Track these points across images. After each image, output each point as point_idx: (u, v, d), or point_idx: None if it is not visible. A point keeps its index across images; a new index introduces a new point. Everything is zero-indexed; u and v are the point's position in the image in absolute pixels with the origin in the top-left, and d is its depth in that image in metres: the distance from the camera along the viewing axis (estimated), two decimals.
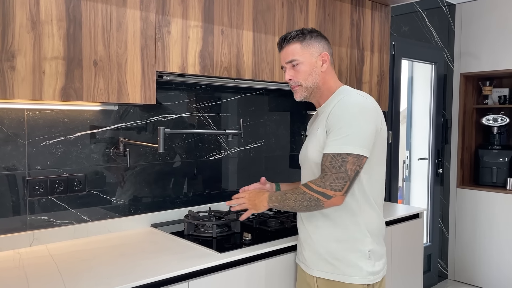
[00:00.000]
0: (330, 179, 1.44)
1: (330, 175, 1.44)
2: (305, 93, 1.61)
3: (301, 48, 1.58)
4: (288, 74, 1.61)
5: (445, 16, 3.92)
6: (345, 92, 1.59)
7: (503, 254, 3.74)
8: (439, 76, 3.88)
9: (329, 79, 1.62)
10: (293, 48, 1.59)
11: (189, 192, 2.27)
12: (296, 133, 2.76)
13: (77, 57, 1.51)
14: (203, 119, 2.29)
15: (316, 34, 1.61)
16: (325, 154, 1.46)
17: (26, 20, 1.40)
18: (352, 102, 1.50)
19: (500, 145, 3.93)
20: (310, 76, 1.59)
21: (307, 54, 1.58)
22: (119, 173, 2.01)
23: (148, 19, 1.68)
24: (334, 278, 1.55)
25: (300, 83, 1.60)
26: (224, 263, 1.62)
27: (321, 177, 1.46)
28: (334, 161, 1.43)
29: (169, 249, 1.73)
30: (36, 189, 1.77)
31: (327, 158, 1.45)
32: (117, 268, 1.51)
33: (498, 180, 3.88)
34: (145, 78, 1.68)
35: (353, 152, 1.42)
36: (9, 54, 1.38)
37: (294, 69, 1.60)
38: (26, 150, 1.75)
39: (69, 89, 1.50)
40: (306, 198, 1.48)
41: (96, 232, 1.93)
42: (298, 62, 1.58)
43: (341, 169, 1.43)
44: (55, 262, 1.57)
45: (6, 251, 1.70)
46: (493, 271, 3.80)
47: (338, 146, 1.44)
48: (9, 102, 1.61)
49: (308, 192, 1.47)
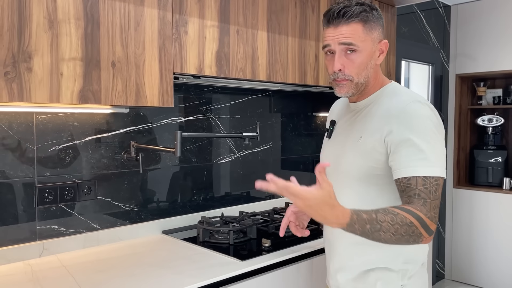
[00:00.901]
0: (432, 208, 1.11)
1: (430, 203, 1.11)
2: (353, 90, 1.26)
3: (364, 31, 1.21)
4: (339, 62, 1.22)
5: (441, 17, 3.94)
6: (403, 93, 1.26)
7: (499, 253, 3.77)
8: (436, 77, 3.90)
9: (379, 73, 1.31)
10: (354, 29, 1.20)
11: (199, 197, 2.20)
12: (303, 135, 2.71)
13: (95, 58, 1.44)
14: (212, 122, 2.22)
15: (377, 14, 1.24)
16: (412, 177, 1.13)
17: (43, 19, 1.32)
18: (429, 114, 1.19)
19: (495, 145, 3.97)
20: (365, 70, 1.24)
21: (368, 41, 1.22)
22: (129, 178, 1.93)
23: (166, 18, 1.61)
24: None
25: (352, 77, 1.23)
26: (248, 271, 1.56)
27: (422, 204, 1.11)
28: (428, 184, 1.12)
29: (187, 257, 1.66)
30: (46, 196, 1.68)
31: (418, 181, 1.12)
32: (137, 279, 1.43)
33: (493, 180, 3.92)
34: (163, 80, 1.61)
35: (442, 175, 1.15)
36: (26, 54, 1.29)
37: (348, 57, 1.22)
38: (35, 156, 1.66)
39: (87, 92, 1.42)
40: (409, 231, 1.07)
41: (107, 241, 1.85)
42: (357, 49, 1.21)
43: (436, 195, 1.12)
44: (71, 274, 1.49)
45: (16, 262, 1.61)
46: (490, 270, 3.83)
47: (429, 167, 1.13)
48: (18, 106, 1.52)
49: (415, 223, 1.08)
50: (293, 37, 2.06)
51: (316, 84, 2.20)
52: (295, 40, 2.07)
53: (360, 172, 1.24)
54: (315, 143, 2.78)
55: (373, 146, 1.21)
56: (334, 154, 1.36)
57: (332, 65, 1.26)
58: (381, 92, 1.29)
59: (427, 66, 3.87)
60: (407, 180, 1.14)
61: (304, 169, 2.74)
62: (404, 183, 1.14)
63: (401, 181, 1.15)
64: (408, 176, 1.14)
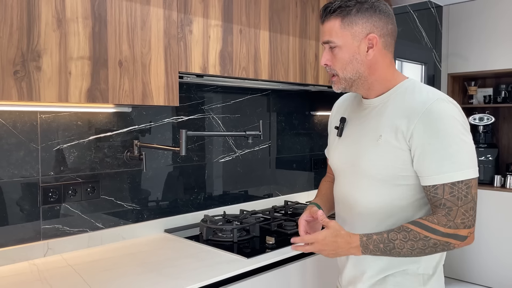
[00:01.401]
0: (459, 215, 1.12)
1: (458, 210, 1.11)
2: (344, 85, 1.26)
3: (341, 26, 1.20)
4: (324, 57, 1.25)
5: (433, 17, 4.00)
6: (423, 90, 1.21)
7: (491, 250, 3.84)
8: (428, 76, 3.96)
9: (382, 68, 1.24)
10: (331, 26, 1.21)
11: (200, 195, 2.21)
12: (301, 134, 2.74)
13: (102, 57, 1.44)
14: (213, 121, 2.23)
15: (366, 7, 1.20)
16: (439, 185, 1.13)
17: (52, 18, 1.32)
18: (454, 112, 1.16)
19: (485, 143, 4.04)
20: (349, 65, 1.22)
21: (347, 36, 1.20)
22: (132, 177, 1.93)
23: (171, 17, 1.62)
24: None
25: (337, 72, 1.25)
26: (254, 268, 1.58)
27: (444, 214, 1.12)
28: (456, 191, 1.12)
29: (193, 255, 1.67)
30: (50, 196, 1.68)
31: (445, 189, 1.12)
32: (146, 277, 1.44)
33: (484, 178, 3.98)
34: (169, 79, 1.62)
35: (474, 176, 1.13)
36: (35, 53, 1.29)
37: (332, 52, 1.24)
38: (39, 155, 1.65)
39: (94, 91, 1.42)
40: (430, 244, 1.12)
41: (110, 240, 1.84)
42: (335, 45, 1.22)
43: (467, 198, 1.12)
44: (77, 273, 1.49)
45: (21, 262, 1.60)
46: (482, 267, 3.90)
47: (457, 172, 1.11)
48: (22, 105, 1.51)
49: (433, 237, 1.12)
50: (294, 37, 2.08)
51: (316, 83, 2.22)
52: (296, 39, 2.09)
53: (383, 173, 1.20)
54: (312, 142, 2.81)
55: (395, 145, 1.18)
56: (350, 153, 1.30)
57: None
58: (398, 88, 1.25)
59: (420, 65, 3.93)
60: (434, 190, 1.14)
61: (302, 168, 2.76)
62: (432, 192, 1.14)
63: (428, 189, 1.15)
64: (435, 185, 1.13)
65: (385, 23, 1.21)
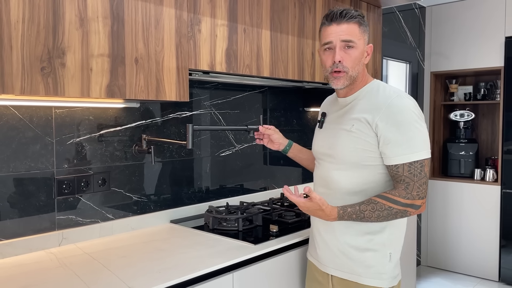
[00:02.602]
0: (415, 188, 1.39)
1: (414, 184, 1.39)
2: (348, 81, 1.47)
3: (359, 31, 1.45)
4: (339, 54, 1.44)
5: (417, 17, 4.16)
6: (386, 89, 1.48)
7: (471, 240, 4.03)
8: (412, 74, 4.12)
9: (365, 72, 1.54)
10: (352, 28, 1.43)
11: (203, 188, 2.30)
12: (296, 130, 2.85)
13: (120, 54, 1.52)
14: (214, 116, 2.33)
15: (366, 23, 1.50)
16: (399, 164, 1.39)
17: (75, 17, 1.40)
18: (410, 105, 1.42)
19: (466, 138, 4.23)
20: (357, 65, 1.46)
21: (362, 40, 1.46)
22: (140, 170, 2.01)
23: (182, 17, 1.70)
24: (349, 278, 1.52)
25: (348, 69, 1.45)
26: (261, 254, 1.68)
27: (403, 188, 1.39)
28: (413, 169, 1.38)
29: (202, 243, 1.76)
30: (64, 188, 1.75)
31: (404, 168, 1.39)
32: (161, 262, 1.53)
33: (465, 171, 4.18)
34: (179, 75, 1.71)
35: (427, 156, 1.40)
36: (60, 51, 1.36)
37: (346, 51, 1.44)
38: (54, 149, 1.72)
39: (113, 87, 1.50)
40: (393, 212, 1.40)
41: (120, 230, 1.92)
42: (354, 45, 1.44)
43: (421, 175, 1.39)
44: (96, 260, 1.57)
45: (38, 251, 1.67)
46: (462, 256, 4.09)
47: (413, 154, 1.38)
48: (37, 100, 1.58)
49: (395, 207, 1.39)
50: (293, 36, 2.19)
51: (313, 80, 2.33)
52: (294, 38, 2.20)
53: (354, 155, 1.46)
54: (306, 137, 2.92)
55: (365, 133, 1.44)
56: (327, 141, 1.57)
57: (331, 59, 1.47)
58: (366, 88, 1.52)
59: (405, 64, 4.09)
60: (396, 168, 1.41)
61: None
62: (394, 170, 1.42)
63: (391, 168, 1.43)
64: (397, 164, 1.41)
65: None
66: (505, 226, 3.81)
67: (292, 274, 1.80)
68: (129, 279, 1.37)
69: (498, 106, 4.10)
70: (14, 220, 1.63)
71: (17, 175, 1.63)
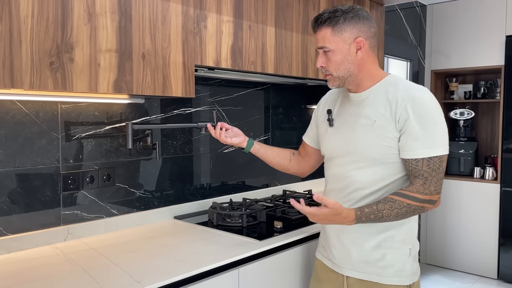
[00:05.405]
0: (433, 183, 1.37)
1: (431, 179, 1.37)
2: (337, 82, 1.48)
3: (332, 34, 1.42)
4: (320, 60, 1.47)
5: (418, 16, 4.17)
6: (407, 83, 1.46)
7: (470, 238, 4.06)
8: (413, 72, 4.13)
9: (369, 66, 1.47)
10: (324, 33, 1.43)
11: (206, 184, 2.30)
12: (298, 127, 2.86)
13: (127, 50, 1.52)
14: (218, 113, 2.33)
15: (351, 15, 1.41)
16: (419, 159, 1.37)
17: (83, 12, 1.40)
18: (432, 100, 1.41)
19: (466, 137, 4.25)
20: (341, 65, 1.44)
21: (339, 41, 1.42)
22: (144, 166, 2.01)
23: (188, 13, 1.70)
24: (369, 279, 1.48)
25: (331, 72, 1.46)
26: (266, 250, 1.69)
27: (421, 183, 1.37)
28: (432, 164, 1.37)
29: (208, 238, 1.77)
30: (69, 183, 1.75)
31: (424, 163, 1.37)
32: (168, 258, 1.53)
33: (465, 170, 4.20)
34: (186, 71, 1.71)
35: (446, 152, 1.39)
36: (68, 46, 1.36)
37: (327, 55, 1.45)
38: (59, 144, 1.72)
39: (120, 82, 1.51)
40: (411, 209, 1.38)
41: (124, 226, 1.93)
42: (329, 50, 1.43)
43: (439, 170, 1.38)
44: (103, 255, 1.57)
45: (43, 246, 1.67)
46: (461, 254, 4.12)
47: (433, 148, 1.37)
48: (43, 95, 1.58)
49: (413, 204, 1.37)
50: (297, 33, 2.20)
51: (316, 77, 2.34)
52: (299, 35, 2.21)
53: (376, 151, 1.43)
54: None
55: (387, 128, 1.41)
56: (345, 139, 1.51)
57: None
58: (384, 82, 1.48)
59: (406, 62, 4.10)
60: (415, 162, 1.38)
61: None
62: (413, 164, 1.39)
63: (410, 162, 1.40)
64: (416, 158, 1.38)
65: (369, 27, 1.44)
66: (504, 224, 3.83)
67: (296, 270, 1.81)
68: (136, 274, 1.38)
69: (498, 104, 4.12)
70: (20, 215, 1.63)
71: (23, 170, 1.63)
